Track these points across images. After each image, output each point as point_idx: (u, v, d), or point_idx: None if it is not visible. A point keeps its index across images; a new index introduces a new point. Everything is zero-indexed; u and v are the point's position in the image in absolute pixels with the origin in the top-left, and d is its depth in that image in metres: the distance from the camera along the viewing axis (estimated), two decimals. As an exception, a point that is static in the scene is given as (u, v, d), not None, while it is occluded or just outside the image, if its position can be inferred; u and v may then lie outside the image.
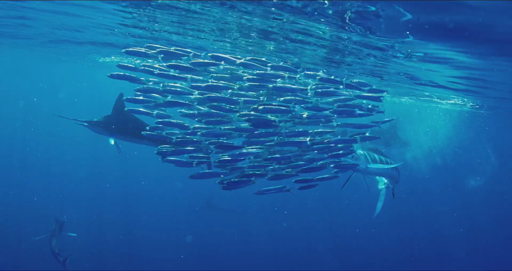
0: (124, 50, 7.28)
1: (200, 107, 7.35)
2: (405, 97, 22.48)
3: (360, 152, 8.72)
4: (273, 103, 7.24)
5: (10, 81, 43.84)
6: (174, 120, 7.45)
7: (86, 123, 9.52)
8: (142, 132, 7.84)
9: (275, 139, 7.39)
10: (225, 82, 7.23)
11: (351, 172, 9.07)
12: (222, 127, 7.30)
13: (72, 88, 41.39)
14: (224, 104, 7.18)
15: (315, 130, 7.44)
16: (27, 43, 17.40)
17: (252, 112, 7.02)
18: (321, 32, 9.07)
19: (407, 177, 26.93)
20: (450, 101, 21.43)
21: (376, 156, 9.08)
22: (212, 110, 7.23)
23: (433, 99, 21.57)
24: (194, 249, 21.62)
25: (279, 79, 7.32)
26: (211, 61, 7.25)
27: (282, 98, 7.31)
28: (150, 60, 7.38)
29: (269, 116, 7.15)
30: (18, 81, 42.82)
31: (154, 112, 7.50)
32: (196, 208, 24.20)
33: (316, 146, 7.44)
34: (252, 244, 22.91)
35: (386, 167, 9.16)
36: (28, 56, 22.19)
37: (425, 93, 19.26)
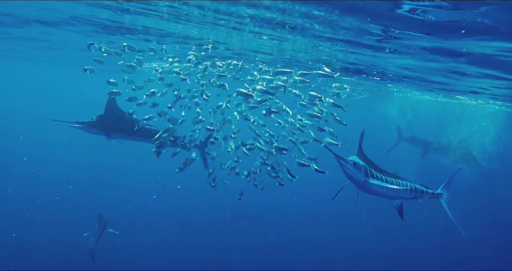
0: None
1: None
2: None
3: (361, 162, 7.38)
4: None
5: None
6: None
7: (79, 125, 9.50)
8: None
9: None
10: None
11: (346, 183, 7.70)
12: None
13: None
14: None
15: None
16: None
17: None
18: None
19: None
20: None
21: (374, 172, 7.53)
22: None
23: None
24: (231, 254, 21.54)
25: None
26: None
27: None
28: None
29: None
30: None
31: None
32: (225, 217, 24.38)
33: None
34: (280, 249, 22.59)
35: (392, 187, 7.46)
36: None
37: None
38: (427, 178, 9.48)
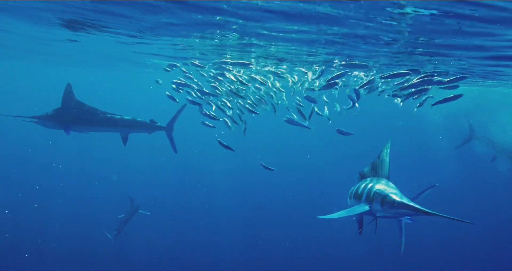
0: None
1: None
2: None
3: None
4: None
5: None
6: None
7: (35, 119, 9.17)
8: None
9: None
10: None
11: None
12: None
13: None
14: None
15: None
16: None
17: None
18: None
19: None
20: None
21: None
22: None
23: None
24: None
25: None
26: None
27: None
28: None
29: None
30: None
31: None
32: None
33: None
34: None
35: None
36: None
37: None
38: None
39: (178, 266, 18.27)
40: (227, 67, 12.09)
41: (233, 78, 10.82)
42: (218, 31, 9.19)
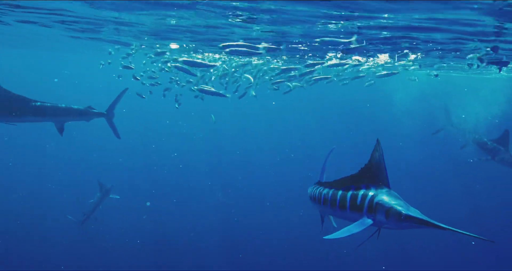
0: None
1: None
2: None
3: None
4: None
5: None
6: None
7: None
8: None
9: None
10: None
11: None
12: None
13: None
14: None
15: None
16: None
17: None
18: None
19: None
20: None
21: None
22: None
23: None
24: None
25: None
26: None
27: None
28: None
29: None
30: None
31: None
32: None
33: None
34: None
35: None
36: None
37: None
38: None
39: (150, 252, 18.17)
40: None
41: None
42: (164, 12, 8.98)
